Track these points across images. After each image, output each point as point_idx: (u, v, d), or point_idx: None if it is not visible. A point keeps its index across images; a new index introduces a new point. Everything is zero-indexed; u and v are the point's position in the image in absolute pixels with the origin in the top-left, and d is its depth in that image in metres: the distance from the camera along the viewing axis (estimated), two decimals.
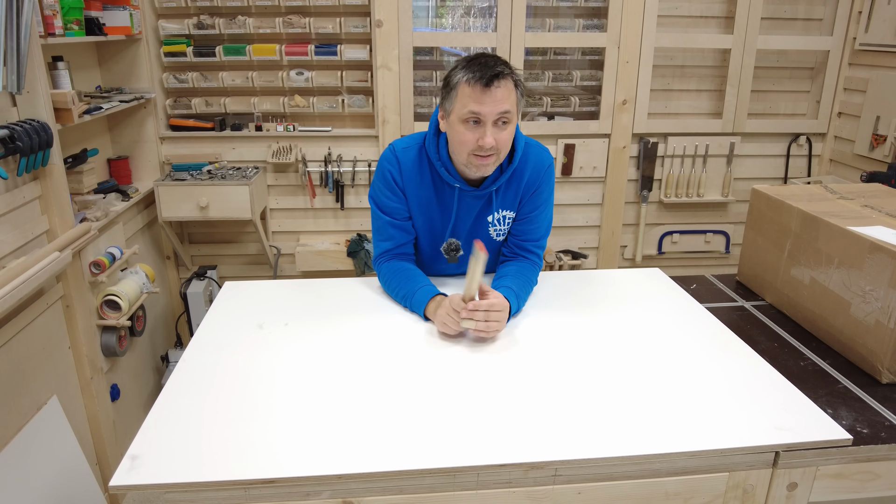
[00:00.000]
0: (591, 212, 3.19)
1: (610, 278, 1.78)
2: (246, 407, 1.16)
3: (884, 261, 1.32)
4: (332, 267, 3.03)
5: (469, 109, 1.39)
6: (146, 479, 0.98)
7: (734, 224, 3.27)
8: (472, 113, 1.39)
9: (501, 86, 1.38)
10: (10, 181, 1.79)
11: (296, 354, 1.35)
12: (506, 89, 1.39)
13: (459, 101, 1.41)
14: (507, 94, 1.39)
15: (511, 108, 1.40)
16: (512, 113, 1.41)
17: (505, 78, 1.38)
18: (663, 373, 1.29)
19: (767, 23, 2.99)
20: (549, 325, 1.48)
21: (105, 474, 2.21)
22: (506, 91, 1.39)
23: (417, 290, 1.51)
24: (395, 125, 2.90)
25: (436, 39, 2.90)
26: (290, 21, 2.77)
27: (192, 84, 2.85)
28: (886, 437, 1.17)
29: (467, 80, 1.38)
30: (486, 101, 1.37)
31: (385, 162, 1.58)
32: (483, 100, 1.37)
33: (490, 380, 1.26)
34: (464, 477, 1.05)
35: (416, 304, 1.50)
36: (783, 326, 1.62)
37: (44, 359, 1.91)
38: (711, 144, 3.08)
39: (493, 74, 1.36)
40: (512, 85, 1.40)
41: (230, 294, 1.64)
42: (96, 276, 2.12)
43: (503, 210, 1.61)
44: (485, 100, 1.37)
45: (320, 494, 1.03)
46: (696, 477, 1.11)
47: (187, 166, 2.84)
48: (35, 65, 1.81)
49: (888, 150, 2.69)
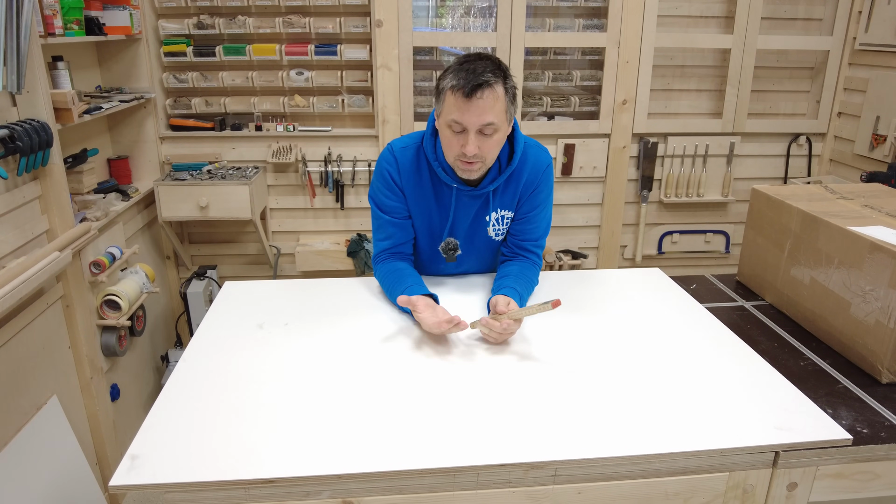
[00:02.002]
0: (590, 212, 3.19)
1: (610, 278, 1.78)
2: (246, 407, 1.16)
3: (884, 261, 1.32)
4: (332, 267, 3.03)
5: (452, 118, 1.38)
6: (146, 479, 0.98)
7: (734, 224, 3.27)
8: (454, 122, 1.38)
9: (485, 96, 1.34)
10: (10, 181, 1.79)
11: (296, 354, 1.35)
12: (490, 99, 1.35)
13: (445, 107, 1.40)
14: (491, 103, 1.35)
15: (495, 120, 1.37)
16: (497, 124, 1.38)
17: (490, 87, 1.34)
18: (663, 373, 1.29)
19: (767, 23, 2.99)
20: (549, 325, 1.48)
21: (105, 474, 2.21)
22: (490, 101, 1.35)
23: (405, 290, 1.50)
24: (394, 125, 2.90)
25: (436, 39, 2.90)
26: (290, 21, 2.77)
27: (192, 84, 2.85)
28: (886, 437, 1.17)
29: (451, 87, 1.37)
30: (468, 111, 1.35)
31: (383, 161, 1.58)
32: (466, 109, 1.35)
33: (490, 380, 1.26)
34: (463, 477, 1.05)
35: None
36: (783, 326, 1.62)
37: (44, 359, 1.91)
38: (711, 144, 3.08)
39: (477, 84, 1.33)
40: (500, 92, 1.37)
41: (230, 294, 1.64)
42: (96, 276, 2.12)
43: (501, 210, 1.61)
44: (468, 109, 1.35)
45: (320, 494, 1.03)
46: (696, 477, 1.11)
47: (187, 166, 2.84)
48: (35, 65, 1.81)
49: (888, 150, 2.69)
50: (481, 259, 1.73)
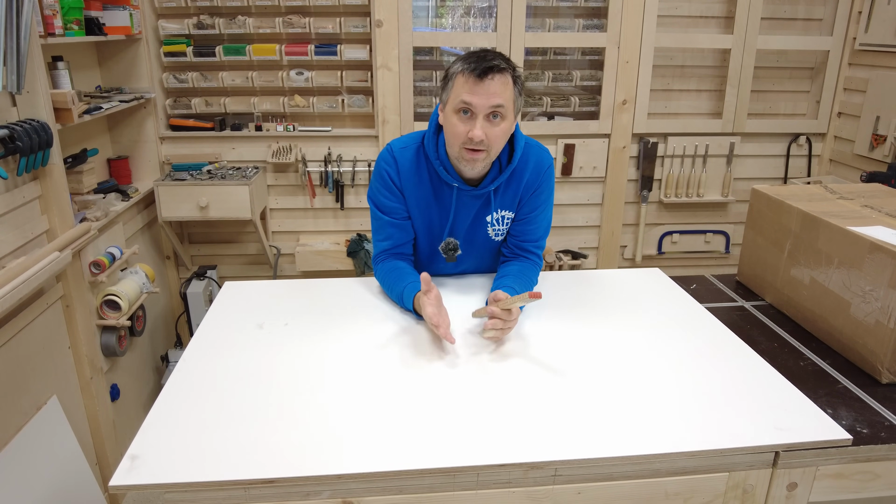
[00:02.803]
0: (590, 212, 3.19)
1: (610, 278, 1.78)
2: (246, 407, 1.16)
3: (884, 261, 1.32)
4: (332, 267, 3.03)
5: (461, 99, 1.39)
6: (146, 479, 0.98)
7: (734, 224, 3.27)
8: (463, 103, 1.39)
9: (496, 79, 1.37)
10: (9, 181, 1.79)
11: (296, 354, 1.34)
12: (500, 83, 1.38)
13: (454, 91, 1.41)
14: (501, 87, 1.38)
15: (504, 103, 1.39)
16: (505, 108, 1.40)
17: (501, 72, 1.38)
18: (663, 373, 1.29)
19: (767, 23, 2.99)
20: (549, 326, 1.48)
21: (105, 474, 2.21)
22: (500, 85, 1.38)
23: (405, 287, 1.50)
24: (394, 125, 2.90)
25: (436, 39, 2.90)
26: (290, 21, 2.77)
27: (192, 84, 2.85)
28: (886, 437, 1.17)
29: (462, 70, 1.39)
30: (478, 93, 1.37)
31: (382, 162, 1.58)
32: (476, 90, 1.37)
33: (490, 380, 1.26)
34: (463, 477, 1.05)
35: (406, 300, 1.50)
36: (783, 326, 1.62)
37: (44, 359, 1.91)
38: (711, 144, 3.08)
39: (489, 67, 1.36)
40: (509, 80, 1.40)
41: (230, 294, 1.64)
42: (96, 276, 2.12)
43: (502, 210, 1.61)
44: (477, 91, 1.37)
45: (320, 494, 1.03)
46: (696, 477, 1.11)
47: (187, 166, 2.84)
48: (35, 65, 1.81)
49: (888, 150, 2.69)
50: (481, 259, 1.73)
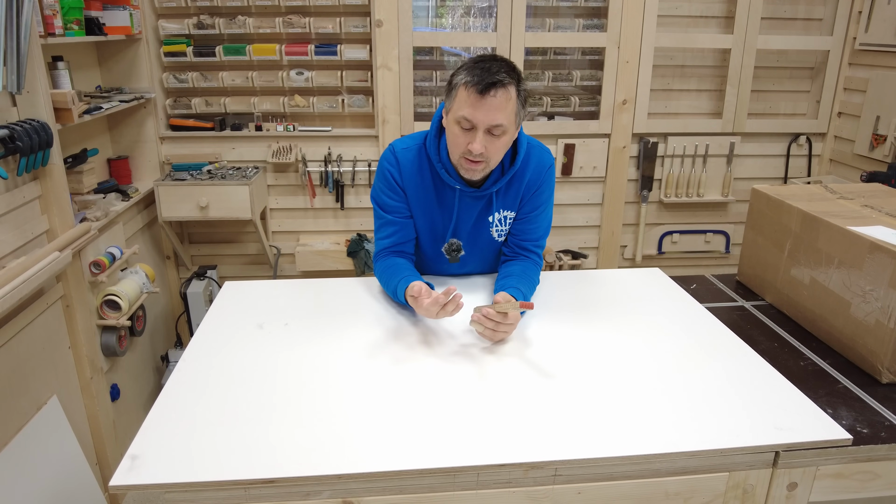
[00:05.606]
0: (591, 212, 3.19)
1: (610, 278, 1.78)
2: (246, 407, 1.16)
3: (884, 261, 1.32)
4: (332, 267, 3.03)
5: (462, 114, 1.38)
6: (146, 479, 0.98)
7: (734, 224, 3.27)
8: (464, 118, 1.38)
9: (499, 95, 1.35)
10: (10, 181, 1.79)
11: (296, 354, 1.35)
12: (503, 98, 1.36)
13: (456, 102, 1.40)
14: (503, 103, 1.36)
15: (504, 122, 1.37)
16: (505, 126, 1.38)
17: (504, 87, 1.35)
18: (663, 373, 1.29)
19: (767, 23, 2.99)
20: (549, 326, 1.48)
21: (105, 474, 2.21)
22: (503, 100, 1.36)
23: (400, 282, 1.50)
24: (395, 125, 2.90)
25: (436, 39, 2.90)
26: (290, 21, 2.77)
27: (192, 84, 2.85)
28: (886, 437, 1.17)
29: (465, 83, 1.37)
30: (480, 109, 1.36)
31: (385, 162, 1.58)
32: (477, 106, 1.36)
33: (490, 380, 1.26)
34: (463, 477, 1.05)
35: (399, 294, 1.50)
36: (783, 326, 1.62)
37: (44, 359, 1.91)
38: (711, 144, 3.08)
39: (492, 82, 1.34)
40: (512, 95, 1.37)
41: (230, 294, 1.64)
42: (96, 276, 2.12)
43: (504, 210, 1.61)
44: (479, 107, 1.36)
45: (320, 494, 1.03)
46: (696, 477, 1.11)
47: (187, 166, 2.84)
48: (35, 65, 1.81)
49: (888, 150, 2.69)
50: (484, 260, 1.73)
